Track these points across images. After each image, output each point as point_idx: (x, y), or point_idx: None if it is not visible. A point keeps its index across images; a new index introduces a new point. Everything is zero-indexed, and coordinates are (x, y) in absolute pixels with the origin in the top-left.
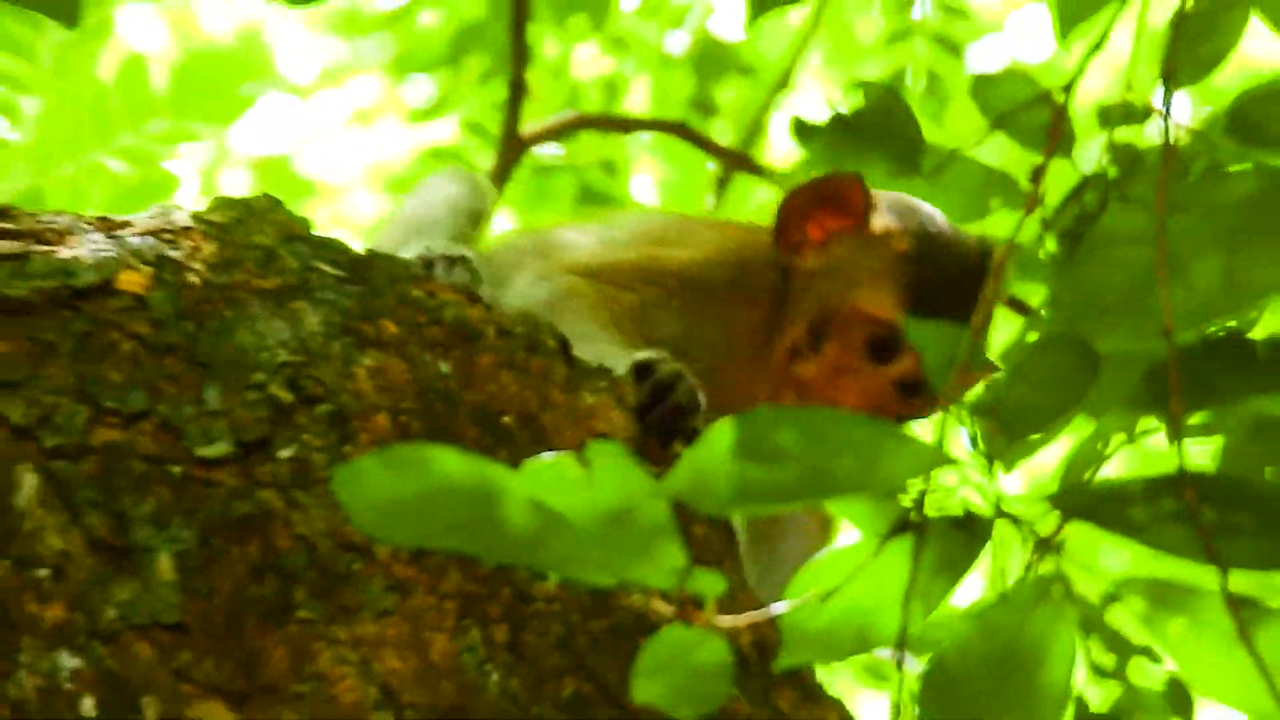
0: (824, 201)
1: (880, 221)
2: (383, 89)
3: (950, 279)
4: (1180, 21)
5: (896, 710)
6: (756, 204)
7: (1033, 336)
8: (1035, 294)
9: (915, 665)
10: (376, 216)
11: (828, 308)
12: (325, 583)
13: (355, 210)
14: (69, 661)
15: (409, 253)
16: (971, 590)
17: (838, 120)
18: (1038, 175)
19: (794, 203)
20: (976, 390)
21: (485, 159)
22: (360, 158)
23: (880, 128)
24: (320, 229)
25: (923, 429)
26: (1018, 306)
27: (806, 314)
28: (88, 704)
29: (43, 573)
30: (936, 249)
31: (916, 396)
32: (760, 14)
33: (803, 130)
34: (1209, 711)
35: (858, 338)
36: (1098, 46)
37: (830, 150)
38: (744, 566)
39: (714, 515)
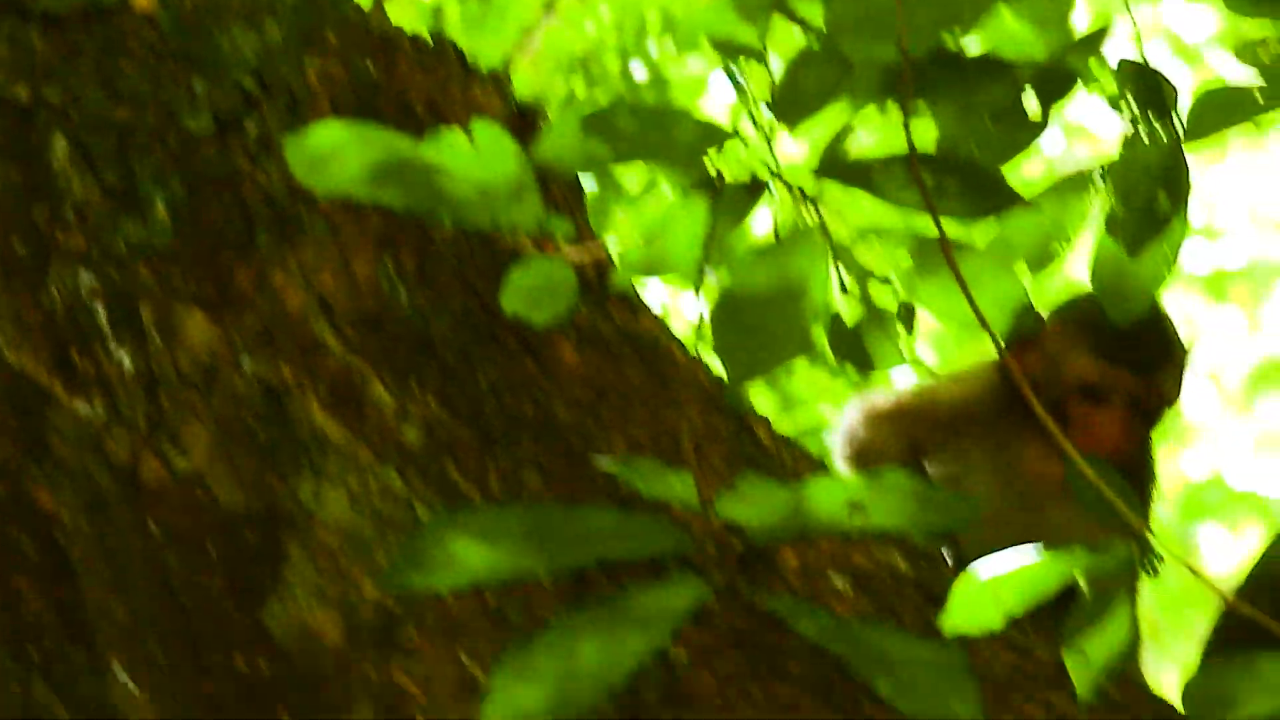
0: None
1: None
2: None
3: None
4: None
5: (699, 321)
6: None
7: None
8: (817, 15)
9: (714, 278)
10: None
11: (1051, 394)
12: (279, 223)
13: None
14: (88, 280)
15: None
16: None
17: None
18: None
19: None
20: (764, 83)
21: None
22: None
23: None
24: None
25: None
26: (803, 24)
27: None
28: (101, 310)
29: (69, 213)
30: (1080, 318)
31: (1144, 414)
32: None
33: None
34: None
35: (1079, 399)
36: None
37: None
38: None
39: (566, 175)
